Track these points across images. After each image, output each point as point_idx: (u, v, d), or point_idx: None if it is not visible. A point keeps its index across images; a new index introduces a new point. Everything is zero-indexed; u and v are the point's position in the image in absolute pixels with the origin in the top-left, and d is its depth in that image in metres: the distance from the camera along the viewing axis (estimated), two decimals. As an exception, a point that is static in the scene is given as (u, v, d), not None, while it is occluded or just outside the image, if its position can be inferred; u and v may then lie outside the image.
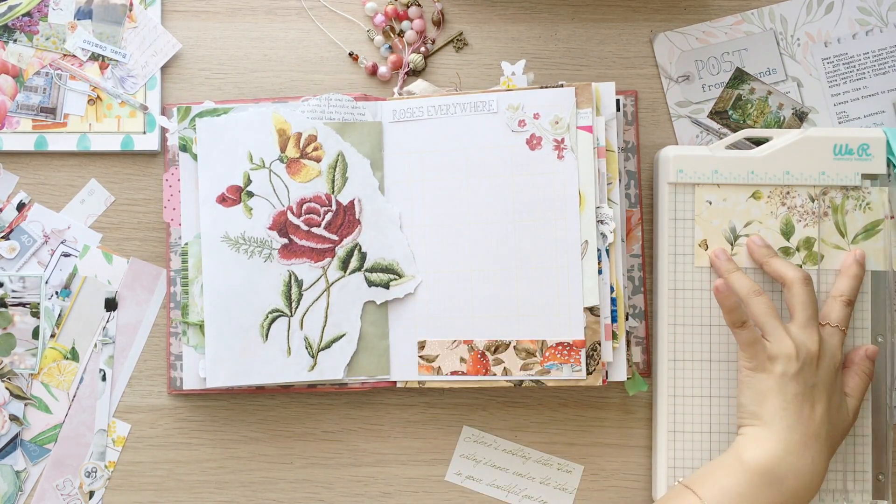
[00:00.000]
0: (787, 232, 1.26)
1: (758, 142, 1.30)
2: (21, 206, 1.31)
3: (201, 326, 1.26)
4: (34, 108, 1.30)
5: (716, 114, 1.33)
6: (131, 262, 1.31)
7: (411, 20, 1.33)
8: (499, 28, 1.34)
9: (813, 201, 1.25)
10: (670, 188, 1.26)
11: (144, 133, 1.30)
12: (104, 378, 1.30)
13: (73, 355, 1.30)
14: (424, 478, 1.31)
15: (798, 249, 1.25)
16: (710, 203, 1.26)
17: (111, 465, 1.30)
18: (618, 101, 1.27)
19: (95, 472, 1.29)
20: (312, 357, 1.25)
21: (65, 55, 1.30)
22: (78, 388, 1.30)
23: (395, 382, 1.27)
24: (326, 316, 1.25)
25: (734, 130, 1.32)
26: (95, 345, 1.30)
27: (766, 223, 1.26)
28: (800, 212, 1.26)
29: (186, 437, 1.31)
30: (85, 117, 1.30)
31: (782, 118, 1.32)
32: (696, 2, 1.33)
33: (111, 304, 1.30)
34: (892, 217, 1.26)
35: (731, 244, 1.26)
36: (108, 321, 1.30)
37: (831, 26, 1.33)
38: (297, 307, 1.25)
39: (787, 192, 1.25)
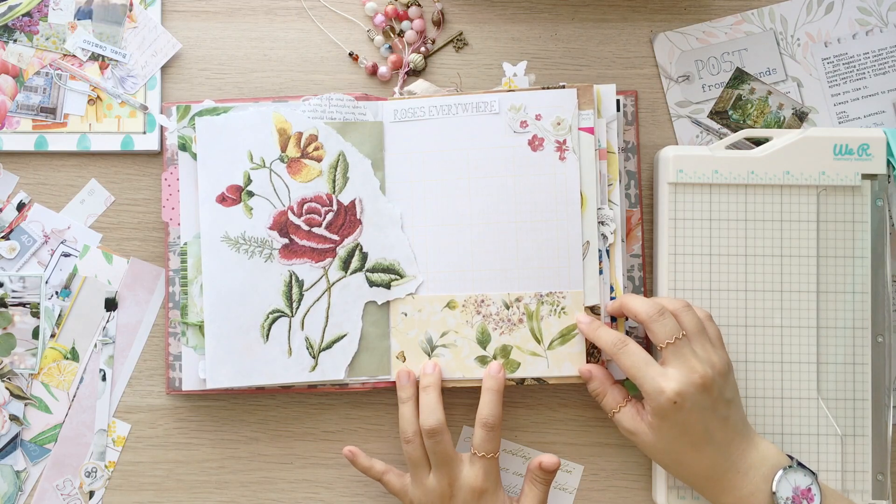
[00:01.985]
0: (484, 341, 1.25)
1: (758, 142, 1.30)
2: (21, 206, 1.30)
3: (200, 327, 1.26)
4: (34, 108, 1.29)
5: (716, 114, 1.33)
6: (131, 262, 1.31)
7: (411, 20, 1.33)
8: (499, 28, 1.34)
9: (508, 308, 1.25)
10: (670, 188, 1.26)
11: (144, 133, 1.30)
12: (104, 378, 1.30)
13: (73, 355, 1.30)
14: (424, 477, 1.31)
15: (495, 357, 1.25)
16: (406, 315, 1.26)
17: (111, 465, 1.30)
18: (618, 101, 1.27)
19: (95, 472, 1.29)
20: (313, 357, 1.25)
21: (65, 55, 1.30)
22: (78, 388, 1.30)
23: (396, 382, 1.27)
24: (327, 316, 1.25)
25: (734, 130, 1.32)
26: (95, 345, 1.30)
27: (462, 332, 1.26)
28: (495, 319, 1.25)
29: (186, 437, 1.31)
30: (85, 117, 1.30)
31: (782, 118, 1.32)
32: (696, 2, 1.33)
33: (111, 304, 1.30)
34: (893, 226, 1.26)
35: (429, 354, 1.26)
36: (108, 321, 1.30)
37: (831, 26, 1.33)
38: (297, 307, 1.25)
39: (482, 301, 1.25)
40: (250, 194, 1.26)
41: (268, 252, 1.25)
